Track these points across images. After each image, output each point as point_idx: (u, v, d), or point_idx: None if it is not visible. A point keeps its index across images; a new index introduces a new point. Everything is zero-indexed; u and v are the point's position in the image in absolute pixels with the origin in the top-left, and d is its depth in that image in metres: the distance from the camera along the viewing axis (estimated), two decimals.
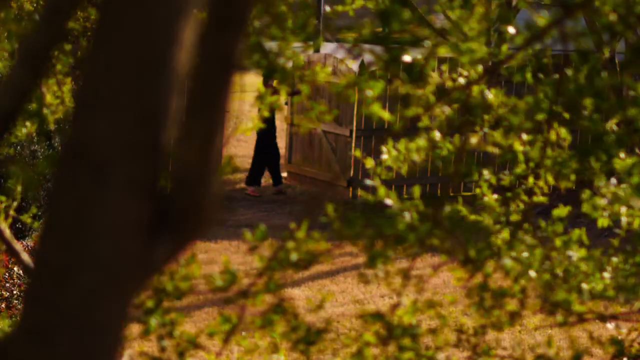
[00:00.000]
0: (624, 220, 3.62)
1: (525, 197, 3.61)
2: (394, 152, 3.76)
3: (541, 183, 3.71)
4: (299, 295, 11.67)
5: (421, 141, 3.72)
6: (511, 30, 3.28)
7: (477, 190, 3.66)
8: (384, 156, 3.76)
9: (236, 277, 3.11)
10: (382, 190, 3.34)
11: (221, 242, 13.37)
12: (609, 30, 3.02)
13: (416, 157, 3.73)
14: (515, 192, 3.63)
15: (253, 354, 3.51)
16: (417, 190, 3.41)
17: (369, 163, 3.87)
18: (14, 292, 9.10)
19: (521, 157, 3.67)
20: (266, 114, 3.87)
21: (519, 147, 3.64)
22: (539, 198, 3.66)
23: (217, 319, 3.20)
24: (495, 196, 3.66)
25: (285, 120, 16.70)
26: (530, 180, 3.69)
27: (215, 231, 13.28)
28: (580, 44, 3.06)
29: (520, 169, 3.65)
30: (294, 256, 3.11)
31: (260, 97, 3.81)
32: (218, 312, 3.29)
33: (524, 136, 3.59)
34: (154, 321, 3.10)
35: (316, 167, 16.48)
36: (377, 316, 3.27)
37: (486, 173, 3.64)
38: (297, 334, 3.23)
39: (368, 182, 3.66)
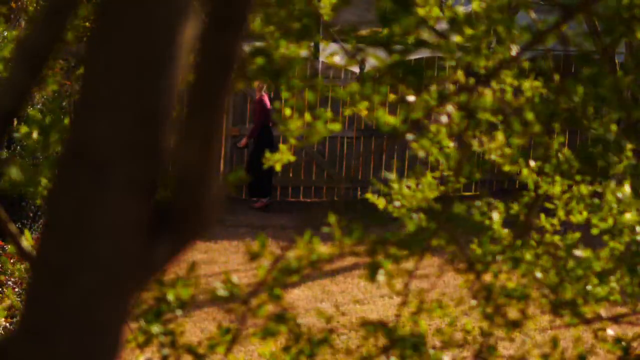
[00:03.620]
0: (629, 225, 3.61)
1: (537, 237, 3.57)
2: (407, 191, 3.68)
3: (554, 221, 3.70)
4: (299, 296, 11.67)
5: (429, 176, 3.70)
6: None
7: (487, 222, 3.59)
8: (397, 203, 3.67)
9: (239, 287, 3.09)
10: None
11: (221, 242, 13.37)
12: (610, 34, 3.02)
13: (429, 194, 3.68)
14: (526, 225, 3.59)
15: None
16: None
17: (381, 203, 3.80)
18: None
19: (531, 186, 3.65)
20: (293, 141, 3.70)
21: (527, 173, 3.63)
22: (552, 237, 3.63)
23: (217, 327, 3.17)
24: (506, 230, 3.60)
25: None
26: (542, 217, 3.68)
27: (215, 231, 13.27)
28: (581, 46, 3.05)
29: (527, 197, 3.61)
30: (297, 263, 3.09)
31: (284, 122, 3.59)
32: (215, 318, 3.28)
33: (532, 163, 3.58)
34: (155, 329, 3.07)
35: (306, 173, 16.35)
36: (379, 325, 3.24)
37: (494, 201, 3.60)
38: (298, 345, 3.20)
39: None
